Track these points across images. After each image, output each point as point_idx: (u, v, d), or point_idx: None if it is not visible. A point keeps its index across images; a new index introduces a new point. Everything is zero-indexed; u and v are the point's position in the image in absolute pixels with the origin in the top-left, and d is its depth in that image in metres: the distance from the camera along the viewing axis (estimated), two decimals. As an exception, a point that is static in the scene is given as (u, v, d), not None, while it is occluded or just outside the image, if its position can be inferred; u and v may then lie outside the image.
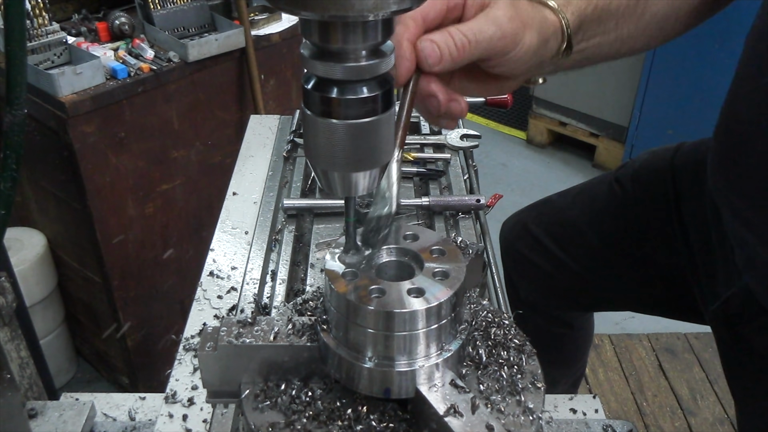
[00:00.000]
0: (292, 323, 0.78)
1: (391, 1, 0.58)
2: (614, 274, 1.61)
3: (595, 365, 3.00)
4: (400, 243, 0.79)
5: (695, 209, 1.40)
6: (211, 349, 0.76)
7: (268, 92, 2.64)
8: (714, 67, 3.57)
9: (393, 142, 0.72)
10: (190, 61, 2.27)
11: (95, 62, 2.08)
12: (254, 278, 1.25)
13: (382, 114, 0.68)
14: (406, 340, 0.70)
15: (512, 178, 4.40)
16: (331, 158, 0.69)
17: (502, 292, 1.24)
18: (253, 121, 1.82)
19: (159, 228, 2.46)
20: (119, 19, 2.32)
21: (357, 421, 0.73)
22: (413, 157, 1.57)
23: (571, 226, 1.67)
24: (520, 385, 0.75)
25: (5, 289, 1.09)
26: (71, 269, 2.59)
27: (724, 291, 1.29)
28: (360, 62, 0.64)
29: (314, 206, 1.40)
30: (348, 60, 0.64)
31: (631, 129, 4.11)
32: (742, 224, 1.19)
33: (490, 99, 1.84)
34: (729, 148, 1.21)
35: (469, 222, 1.38)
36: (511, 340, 0.80)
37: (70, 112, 2.02)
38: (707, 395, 2.87)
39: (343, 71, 0.64)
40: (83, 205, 2.22)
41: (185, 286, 2.60)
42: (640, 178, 1.54)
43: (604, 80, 4.16)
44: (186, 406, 1.02)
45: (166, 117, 2.32)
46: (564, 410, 1.12)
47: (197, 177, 2.50)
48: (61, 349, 2.80)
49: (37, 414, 1.06)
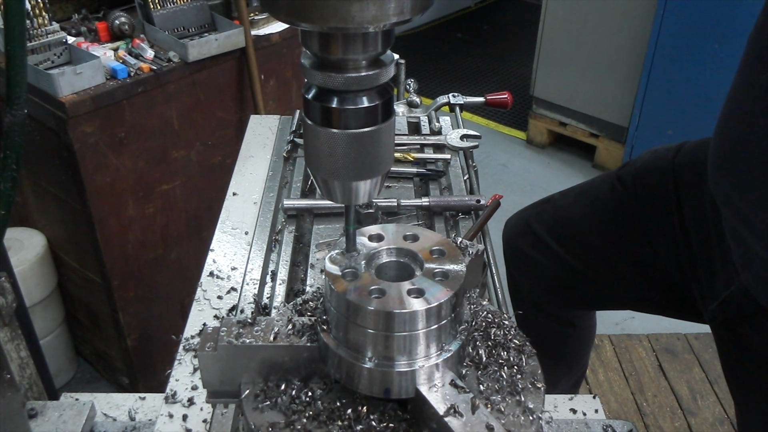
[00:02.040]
0: (292, 323, 0.78)
1: (391, 13, 0.59)
2: (615, 272, 1.61)
3: (595, 365, 3.00)
4: (400, 243, 0.79)
5: (696, 209, 1.41)
6: (211, 349, 0.76)
7: (268, 92, 2.64)
8: (714, 67, 3.57)
9: (393, 150, 0.73)
10: (190, 61, 2.27)
11: (95, 62, 2.08)
12: (254, 278, 1.25)
13: (382, 123, 0.68)
14: (406, 341, 0.70)
15: (512, 179, 4.40)
16: (332, 167, 0.69)
17: (502, 292, 1.25)
18: (253, 122, 1.82)
19: (159, 228, 2.46)
20: (119, 19, 2.32)
21: (357, 421, 0.73)
22: (413, 158, 1.57)
23: (573, 224, 1.67)
24: (520, 385, 0.75)
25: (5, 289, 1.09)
26: (71, 269, 2.59)
27: (723, 290, 1.29)
28: (360, 72, 0.64)
29: (314, 207, 1.40)
30: (348, 70, 0.64)
31: (631, 129, 4.11)
32: (739, 221, 1.19)
33: (490, 99, 1.85)
34: (728, 144, 1.22)
35: (469, 222, 1.38)
36: (511, 340, 0.81)
37: (70, 112, 2.02)
38: (707, 395, 2.87)
39: (343, 81, 0.64)
40: (83, 205, 2.22)
41: (185, 286, 2.60)
42: (642, 178, 1.54)
43: (604, 80, 4.16)
44: (186, 406, 1.02)
45: (166, 117, 2.32)
46: (564, 410, 1.12)
47: (197, 177, 2.50)
48: (61, 349, 2.80)
49: (37, 414, 1.06)
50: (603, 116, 4.28)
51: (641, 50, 3.84)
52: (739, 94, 1.18)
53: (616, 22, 3.98)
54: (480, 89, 5.56)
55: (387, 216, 1.40)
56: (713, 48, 3.54)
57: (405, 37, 6.40)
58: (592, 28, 4.10)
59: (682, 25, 3.62)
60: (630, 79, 4.00)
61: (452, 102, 1.83)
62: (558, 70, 4.39)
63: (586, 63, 4.22)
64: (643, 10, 3.79)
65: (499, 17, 7.02)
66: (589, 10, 4.08)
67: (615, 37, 4.01)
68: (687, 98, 3.78)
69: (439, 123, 1.74)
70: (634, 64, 3.93)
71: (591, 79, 4.23)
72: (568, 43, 4.26)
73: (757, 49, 1.12)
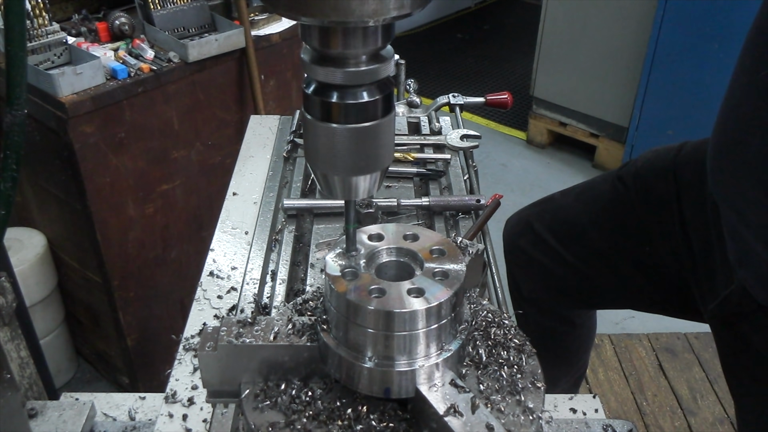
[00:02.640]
0: (292, 323, 0.78)
1: (391, 7, 0.58)
2: (615, 271, 1.61)
3: (595, 365, 3.00)
4: (400, 243, 0.79)
5: (696, 208, 1.41)
6: (211, 349, 0.76)
7: (268, 92, 2.64)
8: (714, 67, 3.57)
9: (393, 146, 0.72)
10: (190, 62, 2.27)
11: (95, 62, 2.08)
12: (254, 278, 1.25)
13: (382, 118, 0.68)
14: (406, 340, 0.70)
15: (512, 179, 4.40)
16: (332, 162, 0.69)
17: (502, 292, 1.25)
18: (253, 122, 1.83)
19: (159, 228, 2.46)
20: (119, 19, 2.32)
21: (357, 420, 0.73)
22: (413, 158, 1.57)
23: (574, 223, 1.67)
24: (520, 384, 0.75)
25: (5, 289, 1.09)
26: (71, 269, 2.59)
27: (723, 289, 1.29)
28: (360, 67, 0.64)
29: (314, 206, 1.40)
30: (348, 65, 0.64)
31: (631, 129, 4.11)
32: (738, 219, 1.20)
33: (490, 99, 1.85)
34: (726, 142, 1.22)
35: (469, 222, 1.38)
36: (511, 340, 0.81)
37: (70, 112, 2.02)
38: (707, 395, 2.87)
39: (343, 76, 0.64)
40: (83, 206, 2.22)
41: (185, 286, 2.60)
42: (643, 177, 1.55)
43: (604, 80, 4.16)
44: (186, 406, 1.02)
45: (166, 117, 2.32)
46: (564, 410, 1.12)
47: (197, 177, 2.50)
48: (61, 349, 2.80)
49: (37, 414, 1.06)
50: (603, 116, 4.28)
51: (641, 50, 3.84)
52: (737, 93, 1.18)
53: (616, 22, 3.98)
54: (480, 89, 5.56)
55: (387, 216, 1.40)
56: (713, 48, 3.54)
57: (405, 37, 6.40)
58: (592, 28, 4.10)
59: (682, 25, 3.61)
60: (630, 79, 4.00)
61: (452, 102, 1.83)
62: (558, 70, 4.39)
63: (586, 63, 4.22)
64: (643, 10, 3.79)
65: (499, 17, 7.02)
66: (589, 11, 4.08)
67: (615, 37, 4.01)
68: (687, 98, 3.78)
69: (439, 123, 1.74)
70: (634, 64, 3.93)
71: (591, 79, 4.23)
72: (568, 43, 4.26)
73: (756, 48, 1.12)
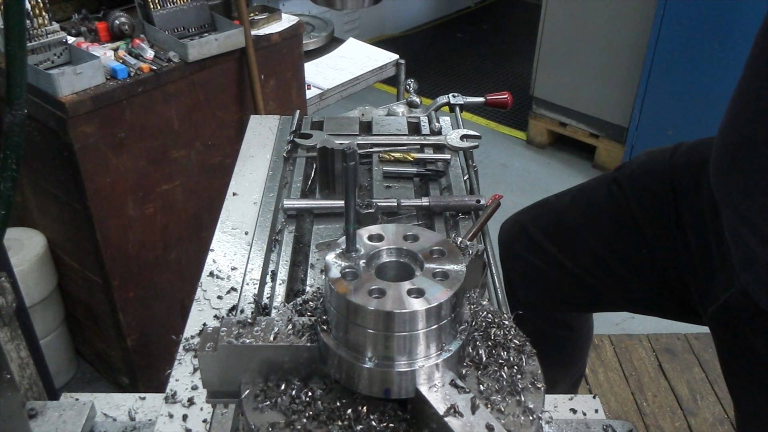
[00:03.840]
0: (292, 323, 0.78)
1: None
2: (612, 275, 1.61)
3: (595, 365, 3.00)
4: (400, 243, 0.79)
5: (693, 210, 1.40)
6: (211, 349, 0.76)
7: (268, 92, 2.64)
8: (714, 67, 3.57)
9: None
10: (190, 61, 2.27)
11: (95, 62, 2.08)
12: (254, 279, 1.25)
13: None
14: (406, 341, 0.70)
15: (512, 179, 4.40)
16: None
17: (502, 292, 1.25)
18: (253, 122, 1.82)
19: (159, 228, 2.46)
20: (119, 19, 2.32)
21: (357, 421, 0.73)
22: (413, 158, 1.57)
23: (569, 227, 1.67)
24: (520, 385, 0.75)
25: (5, 289, 1.09)
26: (71, 269, 2.59)
27: (723, 293, 1.29)
28: None
29: (314, 207, 1.40)
30: None
31: (631, 129, 4.11)
32: (742, 223, 1.19)
33: (490, 99, 1.85)
34: (734, 145, 1.21)
35: (469, 222, 1.38)
36: (511, 340, 0.81)
37: (70, 112, 2.02)
38: (707, 395, 2.87)
39: None
40: (83, 206, 2.22)
41: (185, 286, 2.60)
42: (638, 179, 1.54)
43: (604, 80, 4.17)
44: (186, 406, 1.02)
45: (166, 117, 2.32)
46: (564, 410, 1.12)
47: (197, 177, 2.50)
48: (61, 349, 2.80)
49: (37, 414, 1.06)
50: (603, 116, 4.28)
51: (641, 50, 3.84)
52: (746, 94, 1.17)
53: (616, 22, 3.98)
54: (480, 89, 5.56)
55: (387, 216, 1.40)
56: (713, 48, 3.54)
57: (405, 37, 6.41)
58: (592, 28, 4.11)
59: (682, 25, 3.61)
60: (630, 79, 4.00)
61: (452, 102, 1.83)
62: (558, 70, 4.39)
63: (586, 63, 4.22)
64: (643, 10, 3.79)
65: (499, 17, 7.02)
66: (589, 11, 4.08)
67: (615, 37, 4.01)
68: (687, 98, 3.78)
69: (439, 123, 1.74)
70: (634, 64, 3.93)
71: (591, 79, 4.23)
72: (568, 43, 4.26)
73: (766, 49, 1.11)
